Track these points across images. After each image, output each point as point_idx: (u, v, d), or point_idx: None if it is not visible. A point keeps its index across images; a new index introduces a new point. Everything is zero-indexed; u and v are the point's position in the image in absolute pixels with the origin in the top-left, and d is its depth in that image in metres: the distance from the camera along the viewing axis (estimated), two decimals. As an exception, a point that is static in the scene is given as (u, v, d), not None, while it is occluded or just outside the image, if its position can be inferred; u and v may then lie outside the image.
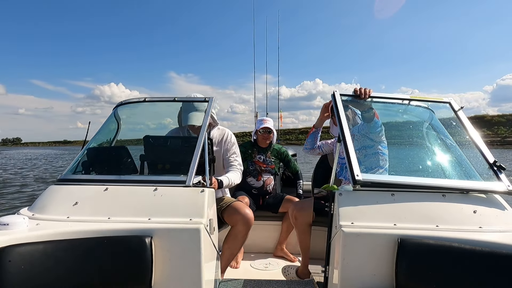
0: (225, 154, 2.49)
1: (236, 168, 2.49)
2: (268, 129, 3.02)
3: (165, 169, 2.00)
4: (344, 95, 2.02)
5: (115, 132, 2.35)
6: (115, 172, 2.00)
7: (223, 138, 2.51)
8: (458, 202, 1.62)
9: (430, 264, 1.38)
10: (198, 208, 1.60)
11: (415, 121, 2.35)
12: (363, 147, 2.29)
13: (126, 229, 1.50)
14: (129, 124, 2.55)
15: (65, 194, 1.73)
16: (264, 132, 3.02)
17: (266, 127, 3.00)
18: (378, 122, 2.17)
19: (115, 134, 2.35)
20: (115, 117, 2.33)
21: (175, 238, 1.50)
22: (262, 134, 3.03)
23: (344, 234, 1.47)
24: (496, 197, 1.68)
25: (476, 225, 1.54)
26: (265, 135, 3.02)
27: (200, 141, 1.83)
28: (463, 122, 1.99)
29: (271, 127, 3.04)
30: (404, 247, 1.40)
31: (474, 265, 1.36)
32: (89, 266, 1.40)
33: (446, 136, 2.19)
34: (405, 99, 2.11)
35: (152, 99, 2.26)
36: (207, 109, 2.06)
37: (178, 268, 1.50)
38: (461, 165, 1.99)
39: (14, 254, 1.29)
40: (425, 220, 1.55)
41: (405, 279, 1.40)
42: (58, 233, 1.44)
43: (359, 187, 1.63)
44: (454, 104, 2.08)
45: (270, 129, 3.03)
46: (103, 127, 2.29)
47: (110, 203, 1.65)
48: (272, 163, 3.10)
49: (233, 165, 2.49)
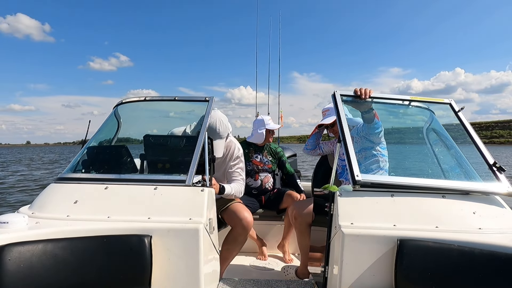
0: (229, 168, 2.38)
1: (239, 182, 2.39)
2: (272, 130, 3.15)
3: (165, 168, 2.00)
4: (344, 96, 2.02)
5: (115, 131, 2.35)
6: (115, 171, 2.00)
7: (229, 151, 2.38)
8: (457, 203, 1.62)
9: (430, 265, 1.38)
10: (198, 208, 1.60)
11: (415, 122, 2.35)
12: (362, 149, 2.29)
13: (125, 228, 1.50)
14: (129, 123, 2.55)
15: (65, 193, 1.73)
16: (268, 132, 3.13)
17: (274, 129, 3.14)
18: (378, 123, 2.17)
19: (116, 133, 2.35)
20: (115, 116, 2.33)
21: (175, 237, 1.50)
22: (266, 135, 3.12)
23: (344, 235, 1.47)
24: (496, 198, 1.68)
25: (476, 226, 1.54)
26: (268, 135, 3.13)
27: (200, 141, 1.83)
28: (463, 123, 1.99)
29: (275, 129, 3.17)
30: (403, 247, 1.40)
31: (473, 266, 1.36)
32: (88, 265, 1.40)
33: (446, 137, 2.19)
34: (406, 100, 2.11)
35: (152, 98, 2.26)
36: (207, 109, 2.05)
37: (178, 267, 1.50)
38: (461, 166, 1.99)
39: (13, 252, 1.29)
40: (425, 221, 1.54)
41: (405, 279, 1.40)
42: (57, 231, 1.44)
43: (359, 188, 1.63)
44: (455, 105, 2.08)
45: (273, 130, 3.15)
46: (103, 126, 2.29)
47: (110, 202, 1.65)
48: (269, 163, 3.11)
49: (237, 179, 2.39)
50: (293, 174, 3.19)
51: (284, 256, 3.03)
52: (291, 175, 3.20)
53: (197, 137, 1.87)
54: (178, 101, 2.22)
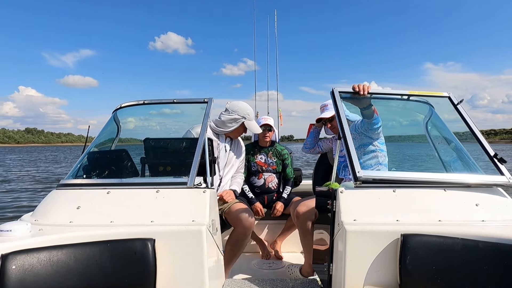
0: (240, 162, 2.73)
1: (241, 174, 2.80)
2: (268, 126, 3.03)
3: (166, 171, 2.00)
4: (343, 92, 2.02)
5: (115, 135, 2.35)
6: (117, 176, 2.00)
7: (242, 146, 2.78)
8: (460, 196, 1.62)
9: (434, 259, 1.38)
10: (200, 209, 1.60)
11: (414, 116, 2.35)
12: (361, 145, 2.29)
13: (129, 232, 1.50)
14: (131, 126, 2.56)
15: (67, 199, 1.73)
16: (264, 129, 3.03)
17: (266, 124, 3.01)
18: (378, 119, 2.17)
19: (115, 137, 2.35)
20: (114, 121, 2.33)
21: (178, 240, 1.50)
22: (262, 131, 3.05)
23: (347, 231, 1.47)
24: (498, 190, 1.68)
25: (479, 218, 1.54)
26: (265, 132, 3.03)
27: (201, 142, 1.83)
28: (463, 116, 1.99)
29: (271, 124, 3.04)
30: (407, 242, 1.40)
31: (477, 258, 1.36)
32: (92, 270, 1.40)
33: (446, 130, 2.19)
34: (404, 95, 2.11)
35: (151, 102, 2.26)
36: (206, 110, 2.05)
37: (182, 270, 1.50)
38: (462, 158, 1.99)
39: (17, 260, 1.29)
40: (428, 215, 1.54)
41: (409, 274, 1.40)
42: (61, 238, 1.44)
43: (361, 184, 1.63)
44: (454, 98, 2.08)
45: (270, 126, 3.04)
46: (103, 131, 2.29)
47: (112, 207, 1.65)
48: (273, 164, 3.09)
49: (241, 172, 2.79)
50: (289, 179, 3.15)
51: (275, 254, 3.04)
52: (287, 179, 3.15)
53: (197, 138, 1.87)
54: (177, 103, 2.22)
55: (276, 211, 2.93)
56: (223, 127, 2.47)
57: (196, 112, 2.18)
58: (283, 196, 3.03)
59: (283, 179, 3.19)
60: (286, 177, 3.15)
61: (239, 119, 2.45)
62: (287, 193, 3.05)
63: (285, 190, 3.06)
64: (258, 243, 3.09)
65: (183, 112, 2.60)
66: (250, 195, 2.99)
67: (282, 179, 3.20)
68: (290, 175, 3.14)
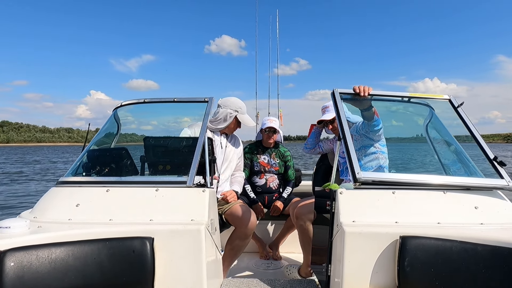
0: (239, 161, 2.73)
1: (242, 173, 2.82)
2: (273, 128, 3.06)
3: (166, 170, 2.00)
4: (343, 93, 2.02)
5: (115, 133, 2.35)
6: (116, 174, 2.00)
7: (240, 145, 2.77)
8: (459, 198, 1.62)
9: (432, 262, 1.38)
10: (199, 209, 1.60)
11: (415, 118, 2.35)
12: (362, 146, 2.29)
13: (128, 231, 1.50)
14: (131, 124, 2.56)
15: (66, 196, 1.73)
16: (269, 131, 3.05)
17: (271, 127, 3.03)
18: (378, 120, 2.17)
19: (116, 136, 2.35)
20: (114, 119, 2.33)
21: (177, 239, 1.50)
22: (267, 133, 3.07)
23: (346, 233, 1.47)
24: (498, 193, 1.68)
25: (478, 221, 1.53)
26: (269, 134, 3.06)
27: (201, 142, 1.83)
28: (463, 119, 1.98)
29: (276, 127, 3.07)
30: (405, 244, 1.40)
31: (476, 261, 1.36)
32: (91, 268, 1.40)
33: (446, 133, 2.19)
34: (405, 97, 2.11)
35: (151, 100, 2.26)
36: (206, 110, 2.05)
37: (180, 269, 1.50)
38: (461, 161, 1.99)
39: (16, 257, 1.29)
40: (427, 217, 1.54)
41: (407, 276, 1.40)
42: (60, 235, 1.44)
43: (360, 185, 1.63)
44: (454, 100, 2.08)
45: (274, 128, 3.06)
46: (103, 129, 2.29)
47: (111, 205, 1.65)
48: (276, 165, 3.11)
49: (240, 169, 2.79)
50: (291, 181, 3.16)
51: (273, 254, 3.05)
52: (288, 180, 3.18)
53: (197, 138, 1.87)
54: (177, 102, 2.22)
55: (275, 209, 2.94)
56: (217, 124, 2.49)
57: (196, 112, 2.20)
58: (283, 196, 3.04)
59: (284, 180, 3.21)
60: (288, 178, 3.17)
61: (231, 113, 2.49)
62: (287, 193, 3.06)
63: (285, 190, 3.08)
64: (257, 243, 3.10)
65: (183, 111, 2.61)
66: (252, 195, 3.00)
67: (283, 180, 3.21)
68: (291, 176, 3.16)
